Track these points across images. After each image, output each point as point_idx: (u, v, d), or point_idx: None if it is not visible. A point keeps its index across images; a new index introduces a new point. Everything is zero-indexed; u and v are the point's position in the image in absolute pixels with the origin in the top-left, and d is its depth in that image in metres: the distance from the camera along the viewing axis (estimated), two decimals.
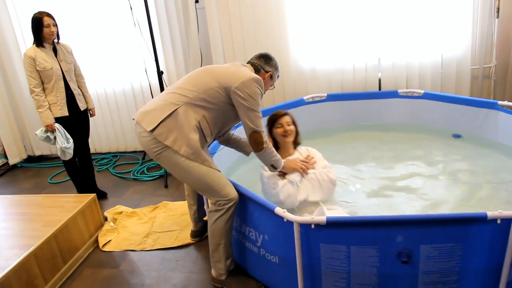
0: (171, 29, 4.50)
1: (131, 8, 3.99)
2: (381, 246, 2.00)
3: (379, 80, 4.31)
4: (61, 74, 3.51)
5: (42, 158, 5.38)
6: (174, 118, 2.30)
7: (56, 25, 3.45)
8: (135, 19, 4.10)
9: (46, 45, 3.44)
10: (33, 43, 3.44)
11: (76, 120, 3.67)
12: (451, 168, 3.23)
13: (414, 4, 4.00)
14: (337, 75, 4.34)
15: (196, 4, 4.39)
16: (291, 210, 2.36)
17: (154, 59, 4.07)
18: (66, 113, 3.55)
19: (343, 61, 4.29)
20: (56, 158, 5.29)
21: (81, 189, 3.89)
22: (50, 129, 3.48)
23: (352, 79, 4.33)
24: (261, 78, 2.38)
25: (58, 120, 3.52)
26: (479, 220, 1.93)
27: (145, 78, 4.56)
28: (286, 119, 2.80)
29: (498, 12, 3.90)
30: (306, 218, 2.02)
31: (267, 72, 2.59)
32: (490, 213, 1.91)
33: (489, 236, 1.96)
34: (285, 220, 2.07)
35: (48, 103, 3.47)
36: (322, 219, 1.99)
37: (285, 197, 2.59)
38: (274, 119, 2.82)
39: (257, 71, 2.56)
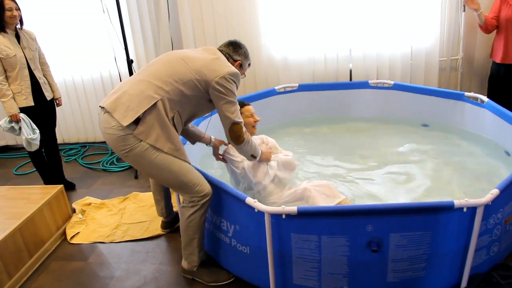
0: (141, 16, 4.40)
1: None
2: (351, 235, 2.03)
3: (350, 71, 4.34)
4: (25, 62, 3.37)
5: (7, 149, 5.21)
6: (155, 113, 2.16)
7: (18, 9, 3.28)
8: (104, 5, 3.98)
9: (8, 30, 3.29)
10: None
11: (42, 110, 3.55)
12: (416, 156, 3.30)
13: None
14: (309, 65, 4.35)
15: None
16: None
17: (123, 47, 3.97)
18: (31, 103, 3.43)
19: (314, 51, 4.30)
20: (22, 148, 5.12)
21: (48, 181, 3.78)
22: (14, 119, 3.34)
23: (323, 69, 4.34)
24: (238, 71, 2.32)
25: (23, 110, 3.39)
26: (447, 209, 1.98)
27: (114, 67, 4.46)
28: (252, 109, 2.88)
29: (464, 6, 3.98)
30: (277, 208, 2.02)
31: (235, 61, 2.48)
32: (457, 202, 1.95)
33: (455, 224, 2.01)
34: (256, 210, 2.06)
35: (12, 92, 3.34)
36: (293, 209, 1.99)
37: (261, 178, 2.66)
38: (242, 106, 2.80)
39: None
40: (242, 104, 2.80)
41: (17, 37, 3.35)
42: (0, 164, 4.78)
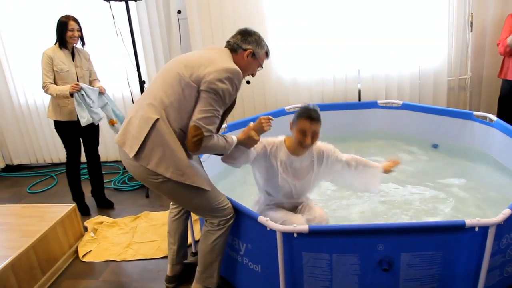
0: (153, 39, 4.50)
1: (114, 18, 3.98)
2: (363, 254, 2.03)
3: (359, 91, 4.38)
4: (76, 79, 3.50)
5: (21, 167, 5.27)
6: (154, 135, 2.04)
7: (80, 30, 3.47)
8: (117, 28, 4.08)
9: (66, 48, 3.47)
10: (55, 43, 3.46)
11: (86, 129, 3.60)
12: (426, 177, 3.30)
13: (393, 17, 4.10)
14: (318, 85, 4.40)
15: (179, 14, 4.41)
16: None
17: (136, 68, 4.06)
18: (74, 118, 3.48)
19: (323, 72, 4.35)
20: (36, 167, 5.20)
21: (76, 197, 3.80)
22: (76, 90, 3.37)
23: (332, 90, 4.39)
24: (239, 71, 2.09)
25: (66, 124, 3.47)
26: (458, 228, 1.98)
27: (127, 87, 4.54)
28: (307, 125, 2.33)
29: (471, 26, 4.03)
30: (288, 227, 2.03)
31: (245, 50, 2.21)
32: (469, 221, 1.96)
33: (467, 244, 2.01)
34: (268, 229, 2.08)
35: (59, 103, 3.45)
36: (304, 227, 2.01)
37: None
38: (300, 116, 2.36)
39: (233, 51, 2.22)
40: (301, 113, 2.36)
41: (73, 55, 3.52)
42: (14, 182, 4.84)
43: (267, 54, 2.33)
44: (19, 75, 4.85)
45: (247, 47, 2.22)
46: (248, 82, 2.37)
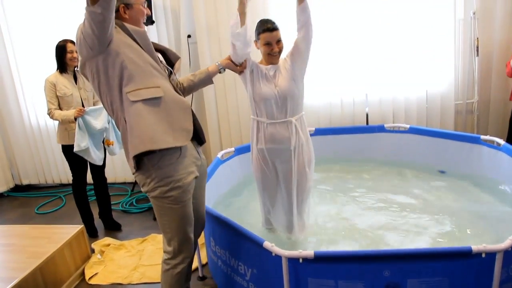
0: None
1: None
2: (369, 280, 2.02)
3: (367, 115, 4.40)
4: (80, 102, 3.56)
5: (29, 188, 5.33)
6: (124, 136, 2.04)
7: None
8: None
9: (68, 71, 3.53)
10: (56, 70, 3.53)
11: None
12: (433, 203, 3.28)
13: (400, 42, 4.14)
14: (325, 109, 4.42)
15: (189, 38, 4.49)
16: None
17: None
18: None
19: (331, 96, 4.38)
20: (44, 187, 5.25)
21: (85, 219, 3.81)
22: (80, 114, 3.39)
23: (340, 113, 4.41)
24: None
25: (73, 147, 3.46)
26: (465, 254, 1.97)
27: None
28: (276, 35, 2.58)
29: (477, 50, 4.06)
30: (294, 252, 2.03)
31: (117, 10, 1.95)
32: (475, 247, 1.95)
33: (474, 270, 1.99)
34: (273, 254, 2.08)
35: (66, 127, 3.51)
36: (310, 253, 2.00)
37: None
38: (261, 32, 2.57)
39: (117, 19, 1.98)
40: (260, 29, 2.57)
41: (75, 77, 3.59)
42: (23, 202, 4.89)
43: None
44: (31, 96, 4.96)
45: (117, 5, 1.92)
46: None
